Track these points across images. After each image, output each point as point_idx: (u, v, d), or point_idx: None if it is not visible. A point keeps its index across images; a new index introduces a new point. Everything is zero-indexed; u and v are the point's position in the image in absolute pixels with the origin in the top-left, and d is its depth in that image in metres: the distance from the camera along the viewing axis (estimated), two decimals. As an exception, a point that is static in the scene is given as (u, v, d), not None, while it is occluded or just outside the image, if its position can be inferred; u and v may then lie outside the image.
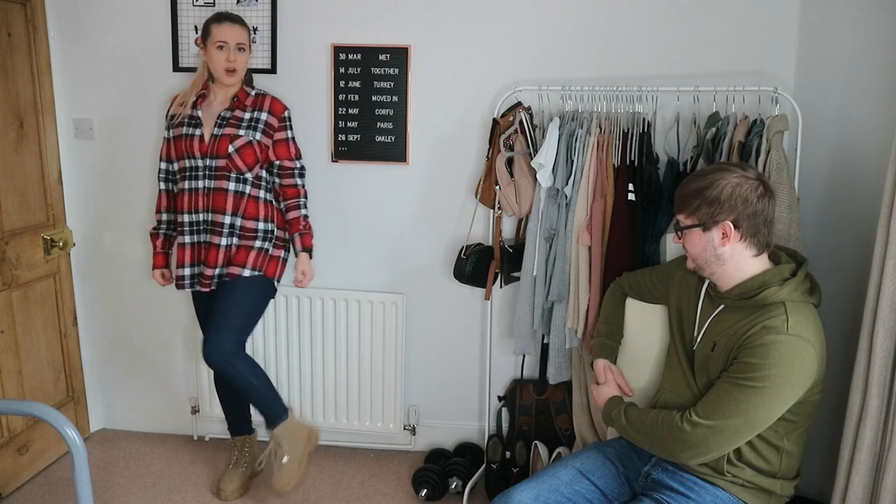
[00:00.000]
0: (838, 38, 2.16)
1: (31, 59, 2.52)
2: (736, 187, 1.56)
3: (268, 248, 2.37)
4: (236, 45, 2.25)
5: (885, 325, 1.57)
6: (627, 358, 1.96)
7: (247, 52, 2.30)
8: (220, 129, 2.28)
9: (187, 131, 2.30)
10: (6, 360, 2.44)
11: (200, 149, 2.28)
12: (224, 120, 2.29)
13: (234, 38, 2.24)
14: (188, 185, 2.31)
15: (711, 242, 1.59)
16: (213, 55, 2.24)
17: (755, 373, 1.48)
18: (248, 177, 2.32)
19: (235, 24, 2.27)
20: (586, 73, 2.41)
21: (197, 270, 2.34)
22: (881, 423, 1.61)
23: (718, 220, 1.57)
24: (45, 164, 2.61)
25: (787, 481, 1.64)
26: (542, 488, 1.67)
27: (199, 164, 2.29)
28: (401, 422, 2.73)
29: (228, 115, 2.30)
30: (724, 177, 1.57)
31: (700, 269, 1.66)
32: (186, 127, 2.30)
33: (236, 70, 2.26)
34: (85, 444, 1.55)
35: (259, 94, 2.36)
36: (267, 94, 2.37)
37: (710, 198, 1.57)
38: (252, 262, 2.32)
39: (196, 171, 2.30)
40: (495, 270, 2.41)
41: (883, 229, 1.59)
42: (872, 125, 1.95)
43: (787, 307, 1.53)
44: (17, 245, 2.48)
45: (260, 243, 2.34)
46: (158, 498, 2.48)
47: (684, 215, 1.63)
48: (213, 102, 2.33)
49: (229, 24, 2.25)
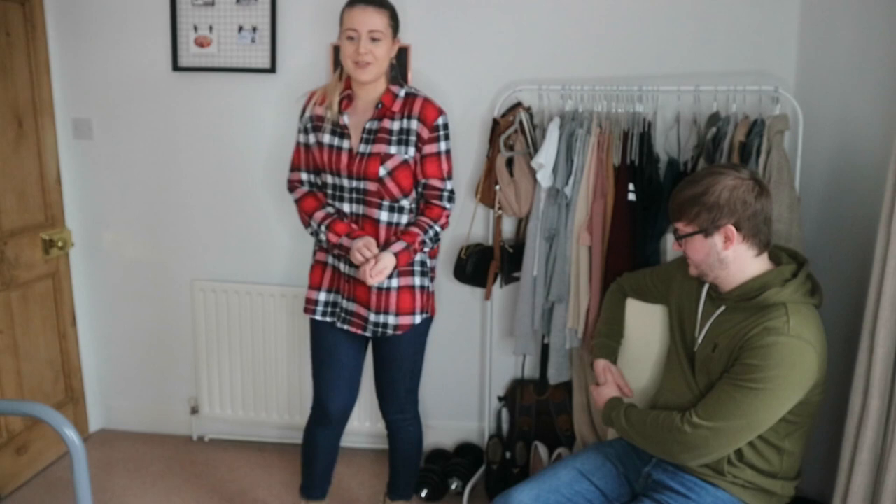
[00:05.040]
0: (839, 37, 2.15)
1: (30, 58, 2.51)
2: (733, 190, 1.55)
3: (426, 285, 2.03)
4: (368, 34, 1.84)
5: (887, 325, 1.57)
6: (627, 358, 1.96)
7: (386, 41, 1.87)
8: (367, 146, 1.89)
9: (333, 142, 1.91)
10: (5, 360, 2.44)
11: (348, 167, 1.90)
12: (371, 133, 1.90)
13: (365, 25, 1.83)
14: (333, 206, 1.97)
15: (714, 247, 1.58)
16: (344, 47, 1.86)
17: (756, 374, 1.48)
18: (405, 204, 1.95)
19: (369, 6, 1.85)
20: (586, 73, 2.40)
21: (344, 305, 2.00)
22: (882, 423, 1.60)
23: (720, 224, 1.56)
24: (44, 163, 2.60)
25: (788, 482, 1.63)
26: (542, 489, 1.67)
27: (346, 184, 1.92)
28: (401, 422, 2.73)
29: (375, 126, 1.91)
30: (720, 180, 1.56)
31: (704, 275, 1.65)
32: (331, 136, 1.92)
33: (369, 64, 1.85)
34: (84, 445, 1.54)
35: (410, 94, 1.95)
36: (418, 95, 1.95)
37: (709, 203, 1.56)
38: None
39: (342, 191, 1.93)
40: (495, 270, 2.41)
41: (884, 229, 1.58)
42: (874, 125, 1.95)
43: (789, 308, 1.52)
44: (15, 245, 2.48)
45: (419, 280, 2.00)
46: (158, 498, 2.48)
47: (683, 223, 1.62)
48: (358, 107, 1.94)
49: (361, 8, 1.84)
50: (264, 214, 2.68)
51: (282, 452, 2.79)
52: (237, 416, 2.79)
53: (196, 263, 2.75)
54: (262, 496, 2.51)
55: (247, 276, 2.71)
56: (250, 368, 2.74)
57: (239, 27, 2.53)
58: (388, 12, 1.90)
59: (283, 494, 2.51)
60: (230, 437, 2.88)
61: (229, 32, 2.54)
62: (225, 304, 2.70)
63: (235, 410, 2.79)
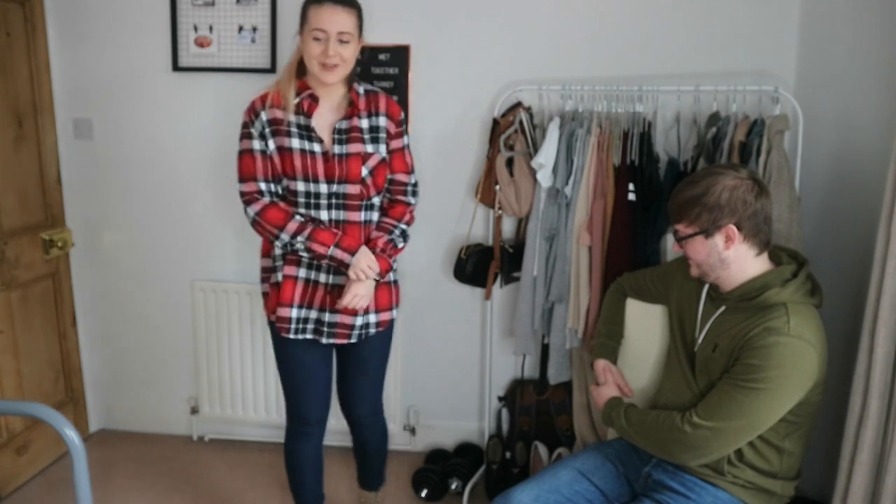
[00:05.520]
0: (839, 37, 2.15)
1: (31, 58, 2.51)
2: (733, 190, 1.55)
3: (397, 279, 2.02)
4: (337, 35, 1.74)
5: (886, 325, 1.57)
6: (627, 358, 1.96)
7: (354, 43, 1.78)
8: (342, 147, 1.82)
9: (304, 146, 1.80)
10: (5, 360, 2.44)
11: (326, 171, 1.81)
12: (343, 134, 1.83)
13: (335, 26, 1.73)
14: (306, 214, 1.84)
15: (715, 248, 1.58)
16: (308, 46, 1.75)
17: (756, 374, 1.48)
18: (376, 201, 1.90)
19: (338, 5, 1.75)
20: (586, 73, 2.40)
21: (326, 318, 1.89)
22: (882, 423, 1.60)
23: (720, 224, 1.56)
24: (44, 164, 2.60)
25: (788, 482, 1.64)
26: (542, 489, 1.67)
27: (323, 189, 1.82)
28: (401, 422, 2.73)
29: (346, 125, 1.83)
30: (719, 181, 1.56)
31: (705, 276, 1.65)
32: (300, 139, 1.80)
33: (337, 66, 1.76)
34: (84, 445, 1.54)
35: (369, 91, 1.89)
36: (378, 92, 1.90)
37: (710, 204, 1.56)
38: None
39: (317, 198, 1.82)
40: (495, 270, 2.41)
41: (884, 229, 1.58)
42: (873, 124, 1.95)
43: (789, 308, 1.52)
44: (16, 245, 2.48)
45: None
46: (158, 498, 2.48)
47: (684, 224, 1.62)
48: (322, 108, 1.85)
49: (330, 7, 1.74)
50: (264, 214, 2.68)
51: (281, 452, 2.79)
52: (237, 416, 2.79)
53: (196, 263, 2.75)
54: (262, 496, 2.51)
55: (247, 276, 2.71)
56: (250, 368, 2.74)
57: (239, 27, 2.53)
58: (356, 11, 1.80)
59: (282, 495, 2.51)
60: (230, 437, 2.88)
61: (229, 32, 2.54)
62: (225, 304, 2.70)
63: (235, 410, 2.79)
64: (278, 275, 1.89)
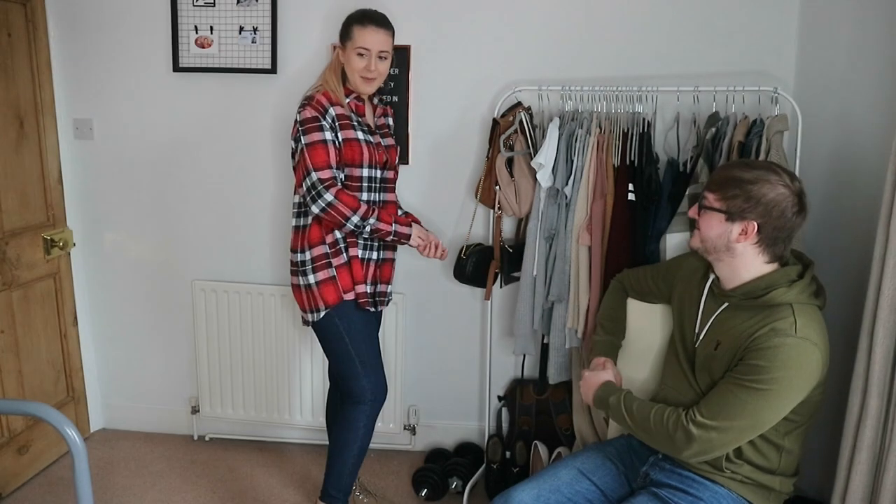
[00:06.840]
0: (838, 37, 2.16)
1: (32, 59, 2.51)
2: (778, 195, 1.53)
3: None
4: (378, 53, 2.04)
5: (885, 325, 1.57)
6: (628, 354, 1.96)
7: (389, 59, 2.09)
8: (384, 139, 2.19)
9: (366, 138, 2.08)
10: (6, 359, 2.44)
11: (380, 159, 2.12)
12: (380, 129, 2.20)
13: (377, 45, 2.02)
14: (366, 197, 2.11)
15: (729, 233, 1.57)
16: (352, 60, 2.03)
17: (762, 375, 1.48)
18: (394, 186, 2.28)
19: (381, 28, 2.04)
20: (586, 73, 2.41)
21: (378, 289, 2.21)
22: (881, 422, 1.61)
23: (746, 216, 1.55)
24: (45, 164, 2.61)
25: (787, 478, 1.64)
26: (542, 488, 1.67)
27: (378, 175, 2.13)
28: (401, 421, 2.74)
29: (381, 122, 2.23)
30: (772, 179, 1.54)
31: (706, 252, 1.64)
32: (362, 132, 2.08)
33: (375, 79, 2.07)
34: (85, 444, 1.54)
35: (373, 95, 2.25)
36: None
37: (751, 194, 1.53)
38: None
39: (373, 182, 2.12)
40: (495, 270, 2.41)
41: (883, 229, 1.59)
42: (872, 125, 1.95)
43: (795, 309, 1.52)
44: (17, 245, 2.48)
45: None
46: (158, 498, 2.48)
47: (716, 196, 1.59)
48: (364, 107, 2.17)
49: (373, 29, 2.02)
50: (264, 214, 2.68)
51: (282, 452, 2.80)
52: (237, 416, 2.80)
53: (196, 263, 2.75)
54: (263, 496, 2.51)
55: (247, 276, 2.71)
56: (250, 368, 2.74)
57: (239, 28, 2.54)
58: (392, 33, 2.10)
59: (283, 494, 2.52)
60: (230, 437, 2.88)
61: (230, 33, 2.54)
62: (225, 304, 2.70)
63: (236, 410, 2.79)
64: (343, 257, 2.10)
